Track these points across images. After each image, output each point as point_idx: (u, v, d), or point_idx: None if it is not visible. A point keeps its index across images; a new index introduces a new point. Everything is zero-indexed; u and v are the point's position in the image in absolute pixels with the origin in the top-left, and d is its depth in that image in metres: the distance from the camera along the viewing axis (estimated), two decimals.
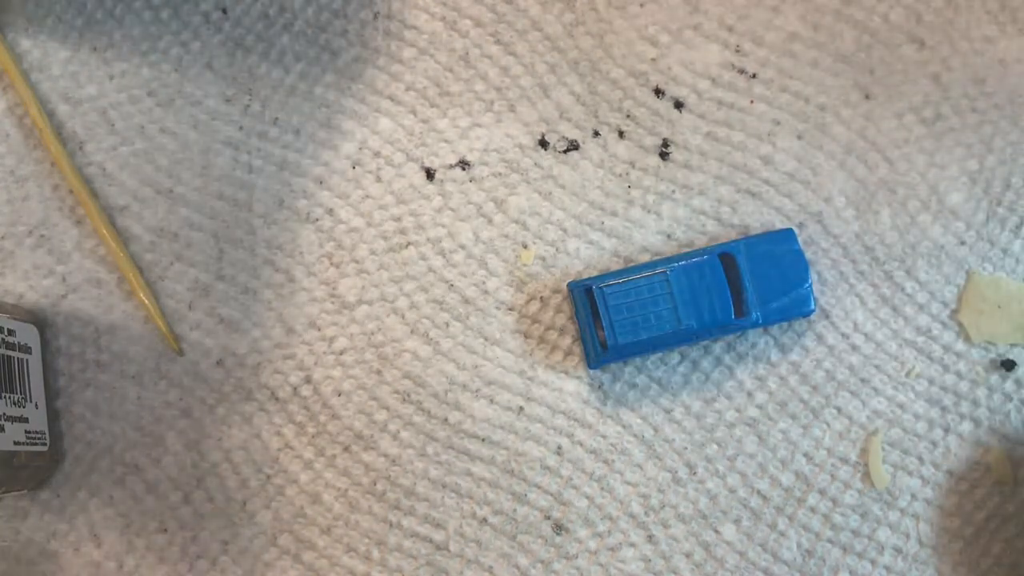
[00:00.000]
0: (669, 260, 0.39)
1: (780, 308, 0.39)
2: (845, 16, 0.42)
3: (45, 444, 0.39)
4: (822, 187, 0.41)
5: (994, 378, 0.40)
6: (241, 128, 0.41)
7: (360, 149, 0.41)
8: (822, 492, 0.40)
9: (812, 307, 0.39)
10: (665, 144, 0.41)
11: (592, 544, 0.40)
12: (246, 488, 0.40)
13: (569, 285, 0.40)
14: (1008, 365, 0.40)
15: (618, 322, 0.38)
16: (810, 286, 0.39)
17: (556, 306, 0.41)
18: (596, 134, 0.41)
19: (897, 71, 0.42)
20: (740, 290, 0.39)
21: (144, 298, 0.40)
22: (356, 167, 0.41)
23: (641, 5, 0.42)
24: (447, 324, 0.41)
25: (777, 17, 0.42)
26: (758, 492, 0.40)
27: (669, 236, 0.41)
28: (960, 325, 0.40)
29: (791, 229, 0.39)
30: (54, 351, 0.40)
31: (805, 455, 0.40)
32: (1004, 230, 0.41)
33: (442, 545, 0.40)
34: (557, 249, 0.41)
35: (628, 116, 0.41)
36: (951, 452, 0.40)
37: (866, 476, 0.40)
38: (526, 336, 0.41)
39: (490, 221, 0.41)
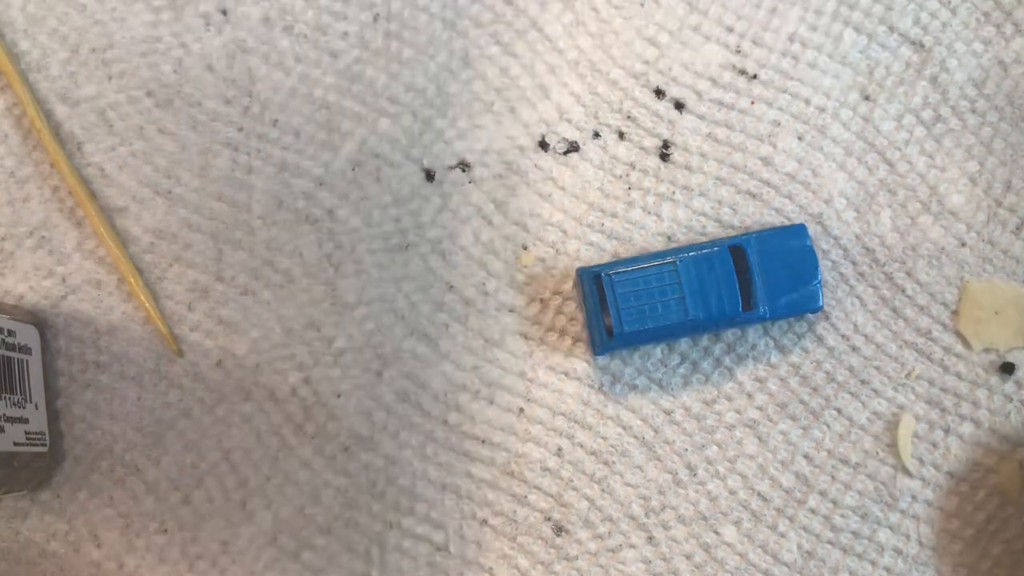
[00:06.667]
0: (679, 250, 0.39)
1: (788, 303, 0.39)
2: (844, 17, 0.42)
3: (45, 445, 0.39)
4: (822, 188, 0.41)
5: (994, 379, 0.40)
6: (241, 129, 0.41)
7: (360, 150, 0.41)
8: (822, 494, 0.40)
9: (820, 303, 0.39)
10: (665, 145, 0.41)
11: (592, 546, 0.40)
12: (245, 488, 0.40)
13: (578, 271, 0.39)
14: (1007, 368, 0.40)
15: (625, 310, 0.38)
16: (819, 283, 0.39)
17: (556, 307, 0.41)
18: (596, 135, 0.41)
19: (896, 73, 0.42)
20: (749, 283, 0.39)
21: (143, 299, 0.40)
22: (356, 168, 0.41)
23: (641, 5, 0.42)
24: (447, 325, 0.41)
25: (776, 18, 0.42)
26: (758, 494, 0.40)
27: (669, 237, 0.41)
28: (960, 336, 0.40)
29: (803, 225, 0.39)
30: (54, 352, 0.40)
31: (805, 456, 0.40)
32: (1005, 231, 0.41)
33: (442, 546, 0.40)
34: (557, 251, 0.41)
35: (628, 117, 0.41)
36: (951, 454, 0.40)
37: (868, 475, 0.40)
38: (526, 338, 0.41)
39: (490, 222, 0.41)
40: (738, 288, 0.38)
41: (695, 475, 0.40)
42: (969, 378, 0.40)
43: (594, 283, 0.39)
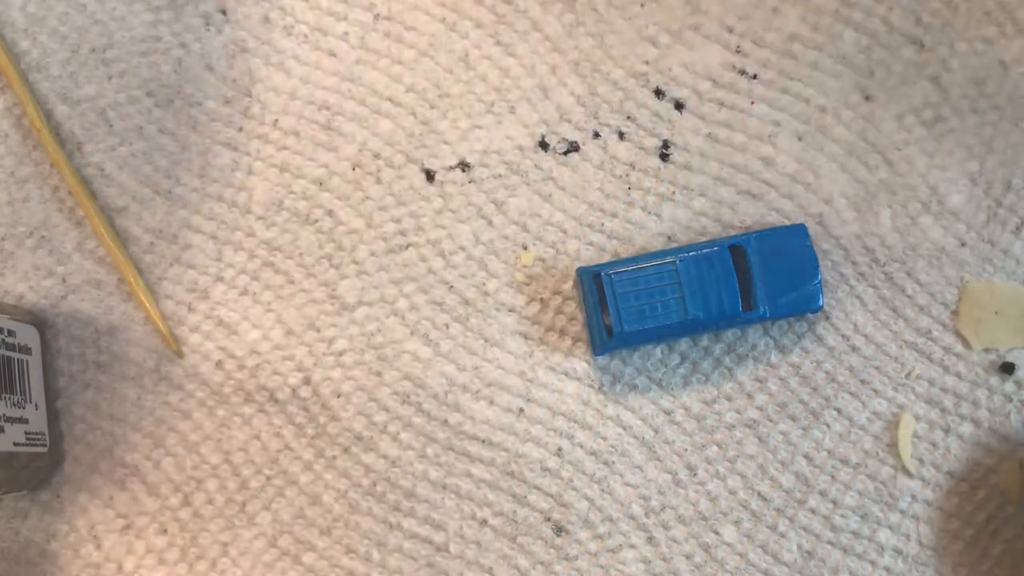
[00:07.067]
0: (679, 250, 0.39)
1: (788, 303, 0.39)
2: (845, 17, 0.42)
3: (45, 445, 0.39)
4: (823, 188, 0.41)
5: (994, 379, 0.40)
6: (241, 129, 0.41)
7: (360, 151, 0.41)
8: (822, 494, 0.40)
9: (821, 303, 0.39)
10: (665, 145, 0.41)
11: (592, 546, 0.40)
12: (246, 490, 0.40)
13: (578, 270, 0.39)
14: (1007, 368, 0.40)
15: (625, 310, 0.38)
16: (819, 282, 0.39)
17: (556, 307, 0.41)
18: (596, 135, 0.41)
19: (897, 72, 0.42)
20: (749, 283, 0.39)
21: (143, 299, 0.40)
22: (356, 169, 0.41)
23: (641, 5, 0.42)
24: (447, 325, 0.41)
25: (777, 18, 0.42)
26: (758, 494, 0.40)
27: (669, 238, 0.41)
28: (960, 336, 0.40)
29: (803, 224, 0.39)
30: (54, 352, 0.40)
31: (805, 456, 0.40)
32: (1005, 231, 0.41)
33: (442, 547, 0.40)
34: (557, 251, 0.41)
35: (628, 117, 0.41)
36: (951, 454, 0.40)
37: (868, 475, 0.40)
38: (526, 338, 0.41)
39: (490, 223, 0.41)
40: (738, 288, 0.38)
41: (695, 475, 0.40)
42: (969, 378, 0.40)
43: (594, 283, 0.39)
